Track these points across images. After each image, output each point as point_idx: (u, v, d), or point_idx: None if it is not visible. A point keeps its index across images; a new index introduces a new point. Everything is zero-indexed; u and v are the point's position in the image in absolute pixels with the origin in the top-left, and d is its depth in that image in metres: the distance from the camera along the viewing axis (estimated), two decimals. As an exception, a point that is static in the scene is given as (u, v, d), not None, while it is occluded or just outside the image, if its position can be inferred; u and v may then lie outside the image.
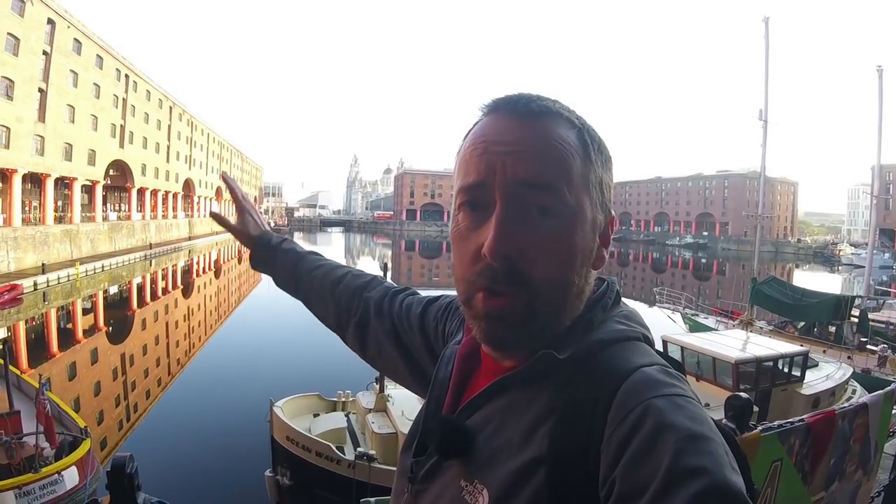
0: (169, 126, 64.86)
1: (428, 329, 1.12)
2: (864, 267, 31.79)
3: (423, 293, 1.21)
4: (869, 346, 19.45)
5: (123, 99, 50.76)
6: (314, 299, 1.34)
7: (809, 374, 14.96)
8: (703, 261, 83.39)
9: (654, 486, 0.57)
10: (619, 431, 0.63)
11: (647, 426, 0.61)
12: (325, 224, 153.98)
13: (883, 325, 24.06)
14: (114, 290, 33.84)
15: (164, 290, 35.83)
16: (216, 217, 1.53)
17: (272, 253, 1.40)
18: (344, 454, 9.69)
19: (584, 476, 0.65)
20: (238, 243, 1.44)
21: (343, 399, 12.13)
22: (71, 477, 7.96)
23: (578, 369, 0.72)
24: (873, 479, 3.06)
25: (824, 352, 18.80)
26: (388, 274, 12.07)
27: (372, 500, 2.04)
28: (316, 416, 11.63)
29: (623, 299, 0.86)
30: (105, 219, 46.14)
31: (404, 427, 9.83)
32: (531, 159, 0.73)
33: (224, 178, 1.53)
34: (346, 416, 11.54)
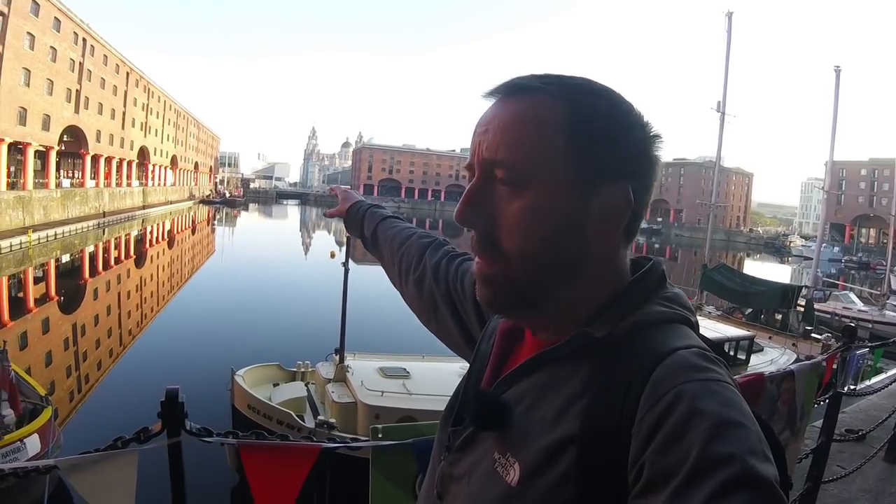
0: (125, 92, 62.66)
1: None
2: (812, 259, 32.73)
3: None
4: (814, 335, 19.98)
5: (80, 63, 48.94)
6: (386, 256, 1.42)
7: (754, 358, 15.60)
8: (657, 246, 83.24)
9: (682, 472, 0.56)
10: (651, 415, 0.63)
11: (678, 411, 0.61)
12: (281, 196, 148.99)
13: (828, 316, 24.85)
14: (66, 258, 33.03)
15: (118, 259, 35.13)
16: (329, 214, 1.72)
17: (358, 221, 1.56)
18: (304, 422, 9.85)
19: (614, 458, 0.65)
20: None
21: (302, 369, 12.26)
22: (33, 444, 7.87)
23: (615, 350, 0.72)
24: (801, 439, 3.34)
25: (770, 338, 19.46)
26: (344, 249, 12.16)
27: (379, 426, 2.16)
28: (276, 385, 11.72)
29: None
30: (58, 185, 44.60)
31: (363, 397, 10.02)
32: (496, 136, 0.76)
33: (333, 189, 1.80)
34: (306, 385, 11.66)
